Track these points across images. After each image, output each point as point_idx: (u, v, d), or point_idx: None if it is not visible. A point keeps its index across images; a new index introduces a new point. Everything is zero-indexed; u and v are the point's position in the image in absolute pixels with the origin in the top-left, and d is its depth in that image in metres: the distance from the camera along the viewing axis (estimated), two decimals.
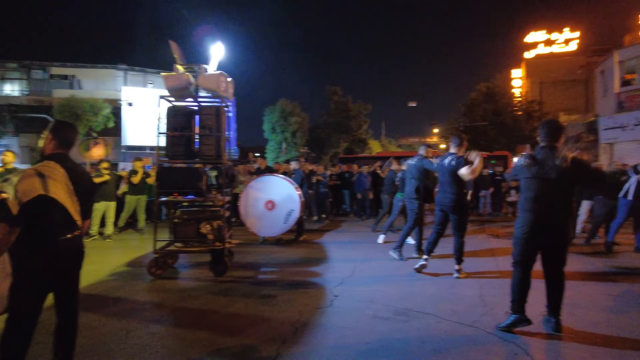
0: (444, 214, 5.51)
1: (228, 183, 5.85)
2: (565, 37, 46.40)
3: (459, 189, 5.36)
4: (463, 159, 5.18)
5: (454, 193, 5.32)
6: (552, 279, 3.56)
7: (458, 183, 5.33)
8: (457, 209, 5.37)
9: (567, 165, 3.37)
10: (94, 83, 27.88)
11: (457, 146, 5.50)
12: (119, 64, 29.30)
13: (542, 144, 3.62)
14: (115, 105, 25.40)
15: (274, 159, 33.21)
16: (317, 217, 11.72)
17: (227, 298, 4.55)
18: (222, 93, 5.57)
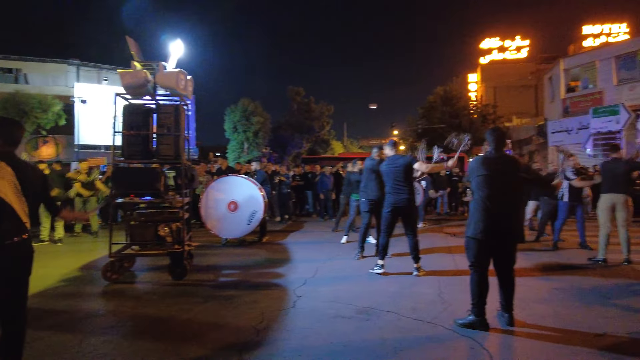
0: (394, 215, 5.60)
1: (187, 184, 5.70)
2: (517, 45, 48.77)
3: (412, 189, 5.57)
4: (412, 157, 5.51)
5: (408, 193, 5.48)
6: (505, 277, 3.72)
7: (410, 183, 5.54)
8: (411, 209, 5.57)
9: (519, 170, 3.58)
10: (42, 78, 26.36)
11: (393, 147, 5.78)
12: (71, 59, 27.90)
13: (491, 149, 3.80)
14: (68, 102, 24.16)
15: (235, 159, 32.76)
16: (279, 218, 11.67)
17: (187, 302, 4.43)
18: (181, 91, 5.43)
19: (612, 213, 6.14)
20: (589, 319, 3.87)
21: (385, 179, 5.71)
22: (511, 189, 3.67)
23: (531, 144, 27.40)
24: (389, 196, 5.62)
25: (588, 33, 43.65)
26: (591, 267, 5.94)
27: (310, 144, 39.39)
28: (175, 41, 5.78)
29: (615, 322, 3.76)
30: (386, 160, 5.78)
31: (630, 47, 18.33)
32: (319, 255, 6.80)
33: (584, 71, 20.42)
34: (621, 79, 18.29)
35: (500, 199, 3.63)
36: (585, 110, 18.68)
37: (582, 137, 18.84)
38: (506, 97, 42.67)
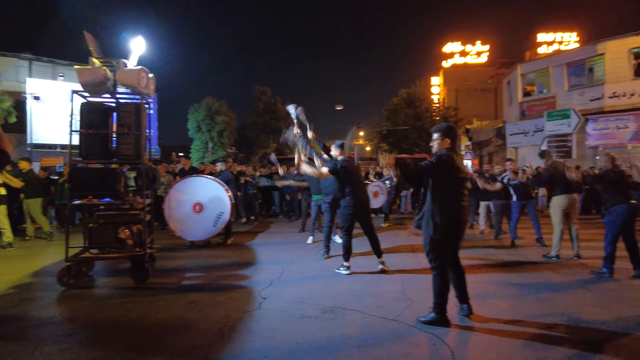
0: (354, 217, 5.70)
1: (148, 185, 5.55)
2: (477, 50, 50.45)
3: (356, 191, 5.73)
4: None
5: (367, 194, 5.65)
6: (458, 270, 3.89)
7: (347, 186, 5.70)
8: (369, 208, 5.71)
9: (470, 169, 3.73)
10: None
11: (339, 149, 5.90)
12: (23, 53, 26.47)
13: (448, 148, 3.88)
14: (19, 99, 22.93)
15: (199, 159, 32.13)
16: (245, 220, 11.55)
17: (148, 306, 4.32)
18: (142, 89, 5.29)
19: (567, 212, 6.50)
20: (543, 311, 4.07)
21: (346, 180, 5.74)
22: (463, 189, 3.84)
23: (490, 145, 28.45)
24: (349, 198, 5.69)
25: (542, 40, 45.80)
26: (545, 263, 6.24)
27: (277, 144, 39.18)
28: (137, 38, 5.62)
29: (566, 314, 3.98)
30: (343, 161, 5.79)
31: (579, 56, 19.40)
32: (286, 256, 6.79)
33: (539, 76, 21.41)
34: (572, 85, 19.32)
35: (459, 200, 3.77)
36: (540, 113, 19.60)
37: (537, 139, 19.76)
38: (467, 100, 44.13)
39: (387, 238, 8.69)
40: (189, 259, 6.75)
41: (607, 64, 17.86)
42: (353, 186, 5.72)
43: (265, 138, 38.41)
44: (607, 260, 5.48)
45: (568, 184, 6.50)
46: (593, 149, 17.77)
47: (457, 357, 3.09)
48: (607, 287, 4.98)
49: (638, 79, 17.22)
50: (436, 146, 3.93)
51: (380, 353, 3.15)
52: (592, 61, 18.69)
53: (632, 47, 17.36)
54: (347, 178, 5.68)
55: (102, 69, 5.07)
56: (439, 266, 3.75)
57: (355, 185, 5.76)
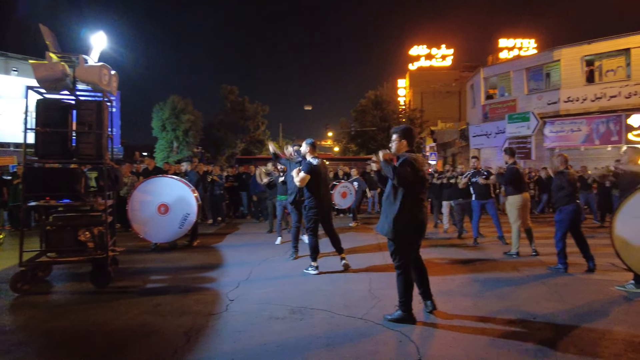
0: (318, 217, 5.74)
1: (110, 185, 5.36)
2: (442, 53, 51.82)
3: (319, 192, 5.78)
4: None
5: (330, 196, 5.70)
6: (420, 268, 3.99)
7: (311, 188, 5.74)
8: (330, 211, 5.82)
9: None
10: None
11: (313, 149, 5.97)
12: None
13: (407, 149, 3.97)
14: None
15: (163, 158, 31.35)
16: (211, 221, 11.36)
17: (110, 311, 4.17)
18: (104, 87, 5.11)
19: (523, 211, 6.80)
20: (502, 307, 4.23)
21: (313, 181, 5.74)
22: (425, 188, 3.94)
23: (454, 146, 29.27)
24: (314, 200, 5.73)
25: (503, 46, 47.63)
26: (506, 260, 6.48)
27: (245, 144, 38.78)
28: (98, 34, 5.42)
29: (525, 309, 4.15)
30: (313, 162, 5.80)
31: (537, 61, 20.27)
32: (253, 258, 6.73)
33: (501, 80, 22.21)
34: (531, 89, 20.16)
35: (422, 199, 3.86)
36: (502, 116, 20.35)
37: (499, 141, 20.50)
38: (432, 102, 45.25)
39: (354, 238, 8.79)
40: (153, 261, 6.57)
41: (562, 70, 18.75)
42: (319, 187, 5.76)
43: (232, 138, 37.90)
44: (561, 256, 5.79)
45: (521, 183, 6.82)
46: (550, 151, 18.61)
47: (422, 354, 3.16)
48: (562, 281, 5.23)
49: (589, 85, 18.19)
50: (394, 147, 4.01)
51: (347, 352, 3.18)
52: (549, 67, 19.58)
53: (584, 55, 18.31)
54: (314, 179, 5.70)
55: (60, 65, 4.85)
56: (402, 265, 3.83)
57: (321, 186, 5.80)
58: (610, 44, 17.92)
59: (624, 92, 17.31)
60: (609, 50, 17.96)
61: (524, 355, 3.13)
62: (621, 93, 17.37)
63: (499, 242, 7.93)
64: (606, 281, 5.17)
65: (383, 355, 3.14)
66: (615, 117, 17.23)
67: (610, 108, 17.50)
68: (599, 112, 17.70)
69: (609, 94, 17.60)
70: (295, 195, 6.61)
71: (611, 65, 18.01)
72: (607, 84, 17.74)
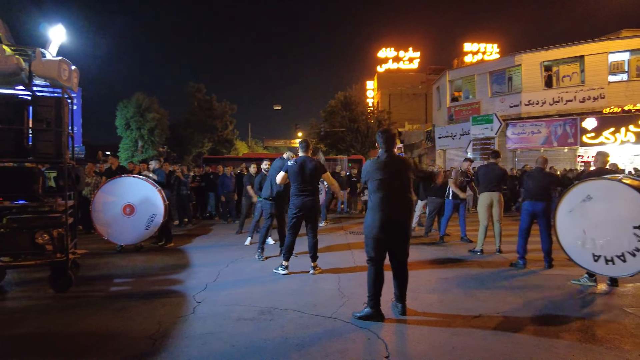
0: (300, 218, 5.63)
1: (71, 185, 5.14)
2: (410, 56, 52.81)
3: (317, 191, 5.69)
4: (319, 162, 5.57)
5: (313, 195, 5.61)
6: (399, 271, 4.02)
7: (316, 187, 5.66)
8: (316, 211, 5.71)
9: (409, 170, 3.92)
10: None
11: (305, 149, 5.76)
12: None
13: (383, 150, 4.04)
14: None
15: (128, 158, 30.42)
16: (178, 222, 11.10)
17: (71, 316, 4.01)
18: (64, 82, 4.89)
19: (490, 209, 7.02)
20: (468, 303, 4.35)
21: (291, 179, 5.66)
22: (403, 189, 3.97)
23: (421, 147, 29.90)
24: (295, 198, 5.63)
25: (468, 50, 49.04)
26: (471, 258, 6.68)
27: (212, 143, 38.16)
28: (56, 27, 5.19)
29: (489, 304, 4.29)
30: (294, 161, 5.68)
31: (500, 65, 21.01)
32: (221, 259, 6.63)
33: (465, 83, 22.87)
34: (494, 92, 20.87)
35: (395, 199, 3.91)
36: (467, 118, 20.97)
37: (464, 142, 21.10)
38: (400, 104, 46.01)
39: (324, 237, 8.81)
40: (117, 264, 6.36)
41: (523, 75, 19.51)
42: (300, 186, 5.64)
43: (199, 137, 37.22)
44: (520, 252, 6.03)
45: (491, 182, 7.03)
46: (512, 152, 19.33)
47: (390, 351, 3.21)
48: (524, 277, 5.44)
49: (548, 89, 19.02)
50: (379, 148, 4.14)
51: (317, 351, 3.19)
52: (511, 71, 20.33)
53: (543, 61, 19.14)
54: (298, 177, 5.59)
55: (14, 58, 4.61)
56: (370, 259, 3.93)
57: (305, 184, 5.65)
58: (566, 51, 18.83)
59: (579, 97, 18.22)
60: (565, 57, 18.86)
61: (488, 348, 3.24)
62: (576, 97, 18.27)
63: (466, 240, 8.14)
64: (563, 276, 5.42)
65: (352, 353, 3.17)
66: (571, 120, 18.11)
67: (567, 112, 18.39)
68: (557, 115, 18.56)
69: (566, 98, 18.48)
70: (280, 197, 6.54)
71: (567, 71, 18.90)
72: (564, 89, 18.62)
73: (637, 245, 4.36)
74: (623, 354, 3.15)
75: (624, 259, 4.50)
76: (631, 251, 4.43)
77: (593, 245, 4.74)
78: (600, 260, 4.70)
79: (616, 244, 4.54)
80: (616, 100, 17.58)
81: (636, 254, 4.38)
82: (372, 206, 3.95)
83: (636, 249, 4.37)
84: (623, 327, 3.69)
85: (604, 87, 17.82)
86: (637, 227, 4.36)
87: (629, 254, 4.45)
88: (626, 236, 4.42)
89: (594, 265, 4.77)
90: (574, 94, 18.33)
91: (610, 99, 17.67)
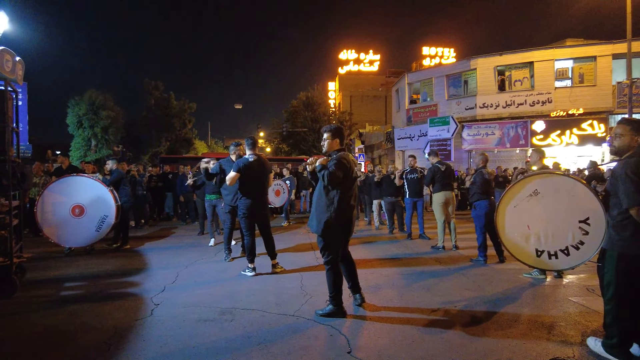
0: (250, 218, 5.51)
1: (16, 184, 4.83)
2: (370, 58, 53.57)
3: (265, 191, 5.68)
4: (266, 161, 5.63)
5: (265, 196, 5.54)
6: (348, 263, 4.09)
7: (264, 186, 5.64)
8: (267, 211, 5.71)
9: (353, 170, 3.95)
10: None
11: (252, 147, 5.61)
12: None
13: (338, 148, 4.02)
14: None
15: (80, 157, 29.02)
16: (134, 223, 10.69)
17: (17, 323, 3.77)
18: (7, 74, 4.59)
19: (446, 207, 7.26)
20: (426, 298, 4.47)
21: (241, 180, 5.45)
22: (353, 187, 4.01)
23: (381, 148, 30.43)
24: (244, 199, 5.50)
25: (426, 54, 50.44)
26: (431, 254, 6.86)
27: (170, 142, 37.08)
28: None
29: (447, 298, 4.43)
30: (242, 160, 5.50)
31: (456, 69, 21.77)
32: (180, 260, 6.45)
33: (424, 86, 23.51)
34: (450, 95, 21.59)
35: (352, 197, 3.95)
36: (424, 119, 21.54)
37: (422, 143, 21.66)
38: (360, 105, 46.60)
39: (286, 237, 8.78)
40: (68, 267, 6.04)
41: (478, 78, 20.31)
42: (253, 186, 5.53)
43: (157, 136, 36.07)
44: (481, 248, 6.25)
45: (445, 182, 7.29)
46: (468, 152, 20.06)
47: (352, 346, 3.24)
48: (479, 272, 5.65)
49: (501, 93, 19.91)
50: (326, 146, 4.05)
51: (279, 348, 3.16)
52: (467, 75, 21.10)
53: (496, 65, 20.01)
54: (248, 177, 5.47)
55: None
56: (331, 261, 3.89)
57: (256, 185, 5.56)
58: (517, 57, 19.80)
59: (529, 101, 19.21)
60: (516, 62, 19.82)
61: (446, 339, 3.34)
62: (527, 101, 19.25)
63: (425, 237, 8.36)
64: (517, 270, 5.68)
65: (314, 350, 3.17)
66: (522, 123, 19.05)
67: (518, 114, 19.33)
68: (510, 118, 19.46)
69: (517, 102, 19.42)
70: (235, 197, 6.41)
71: (518, 76, 19.88)
72: (516, 93, 19.56)
73: (582, 239, 4.59)
74: (568, 339, 3.34)
75: (567, 253, 4.71)
76: (575, 245, 4.64)
77: (537, 240, 4.91)
78: (544, 255, 4.87)
79: (561, 238, 4.74)
80: (562, 105, 18.67)
81: (580, 247, 4.61)
82: (338, 206, 3.85)
83: (580, 242, 4.60)
84: (568, 315, 3.93)
85: (551, 92, 18.88)
86: (582, 220, 4.56)
87: (573, 248, 4.66)
88: (571, 230, 4.63)
89: (536, 260, 4.93)
90: (524, 98, 19.29)
91: (557, 103, 18.75)
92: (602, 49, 18.51)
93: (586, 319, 3.84)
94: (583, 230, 4.54)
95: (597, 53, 18.51)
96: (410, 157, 8.92)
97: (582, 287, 4.95)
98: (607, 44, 18.48)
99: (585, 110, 18.28)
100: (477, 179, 6.33)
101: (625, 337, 2.92)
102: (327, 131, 4.07)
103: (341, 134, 4.07)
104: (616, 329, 2.93)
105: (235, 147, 6.28)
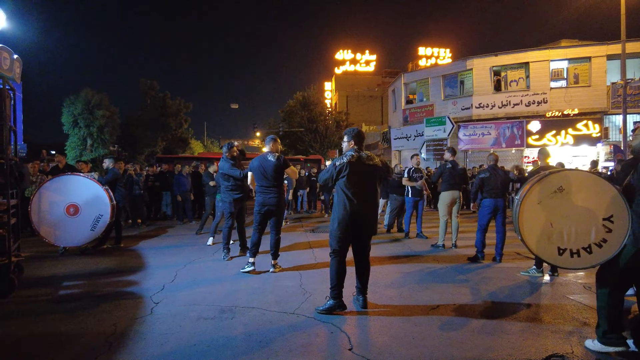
0: (265, 214, 5.54)
1: (14, 183, 4.80)
2: (366, 59, 53.70)
3: (282, 189, 5.64)
4: (284, 158, 5.54)
5: (278, 193, 5.53)
6: (362, 265, 4.10)
7: (281, 183, 5.61)
8: (280, 208, 5.60)
9: (379, 165, 4.00)
10: None
11: (271, 143, 5.64)
12: None
13: (354, 148, 4.07)
14: None
15: (75, 157, 28.89)
16: (131, 222, 10.66)
17: (16, 322, 3.75)
18: (5, 72, 4.56)
19: (451, 207, 7.30)
20: (426, 296, 4.50)
21: (255, 177, 5.53)
22: (370, 186, 4.04)
23: (377, 148, 30.49)
24: (258, 195, 5.52)
25: (422, 54, 50.60)
26: (428, 253, 6.89)
27: (166, 142, 36.97)
28: None
29: (445, 296, 4.46)
30: (258, 158, 5.59)
31: (452, 69, 21.86)
32: (178, 260, 6.44)
33: (420, 86, 23.58)
34: (447, 95, 21.68)
35: (361, 196, 3.95)
36: (421, 119, 21.61)
37: (418, 143, 21.73)
38: (357, 105, 46.66)
39: (284, 236, 8.70)
40: (65, 267, 6.01)
41: (474, 79, 20.41)
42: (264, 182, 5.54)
43: (152, 135, 35.95)
44: (479, 247, 6.29)
45: (452, 182, 7.30)
46: (464, 152, 20.14)
47: (353, 343, 3.26)
48: (477, 270, 5.69)
49: (497, 93, 20.01)
50: (345, 147, 4.19)
51: (280, 347, 3.17)
52: (463, 75, 21.20)
53: (492, 66, 20.12)
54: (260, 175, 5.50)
55: None
56: (333, 252, 4.00)
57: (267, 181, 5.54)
58: (513, 57, 19.91)
59: (525, 101, 19.32)
60: (511, 62, 19.93)
61: (446, 337, 3.36)
62: (522, 101, 19.36)
63: (422, 237, 8.39)
64: (513, 268, 5.72)
65: (316, 347, 3.19)
66: (518, 123, 19.16)
67: (514, 114, 19.44)
68: (505, 118, 19.56)
69: (513, 102, 19.53)
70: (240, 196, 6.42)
71: (514, 76, 19.99)
72: (511, 93, 19.67)
73: (605, 237, 4.53)
74: (566, 335, 3.38)
75: (589, 251, 4.65)
76: (598, 242, 4.57)
77: (559, 238, 4.85)
78: (566, 254, 4.81)
79: (584, 236, 4.68)
80: (557, 105, 18.80)
81: (602, 245, 4.55)
82: (337, 201, 3.99)
83: (603, 240, 4.53)
84: (566, 312, 3.97)
85: (547, 93, 19.00)
86: (606, 218, 4.50)
87: (596, 246, 4.59)
88: (594, 228, 4.57)
89: (557, 259, 4.88)
90: (520, 98, 19.40)
91: (552, 103, 18.88)
92: (596, 49, 18.66)
93: (583, 315, 3.89)
94: (606, 228, 4.47)
95: (592, 54, 18.66)
96: (414, 156, 8.87)
97: (578, 284, 5.00)
98: (601, 44, 18.63)
99: (580, 111, 18.42)
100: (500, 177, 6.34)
101: (615, 323, 3.13)
102: (345, 134, 4.26)
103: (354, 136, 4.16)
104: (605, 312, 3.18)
105: (228, 148, 6.32)
